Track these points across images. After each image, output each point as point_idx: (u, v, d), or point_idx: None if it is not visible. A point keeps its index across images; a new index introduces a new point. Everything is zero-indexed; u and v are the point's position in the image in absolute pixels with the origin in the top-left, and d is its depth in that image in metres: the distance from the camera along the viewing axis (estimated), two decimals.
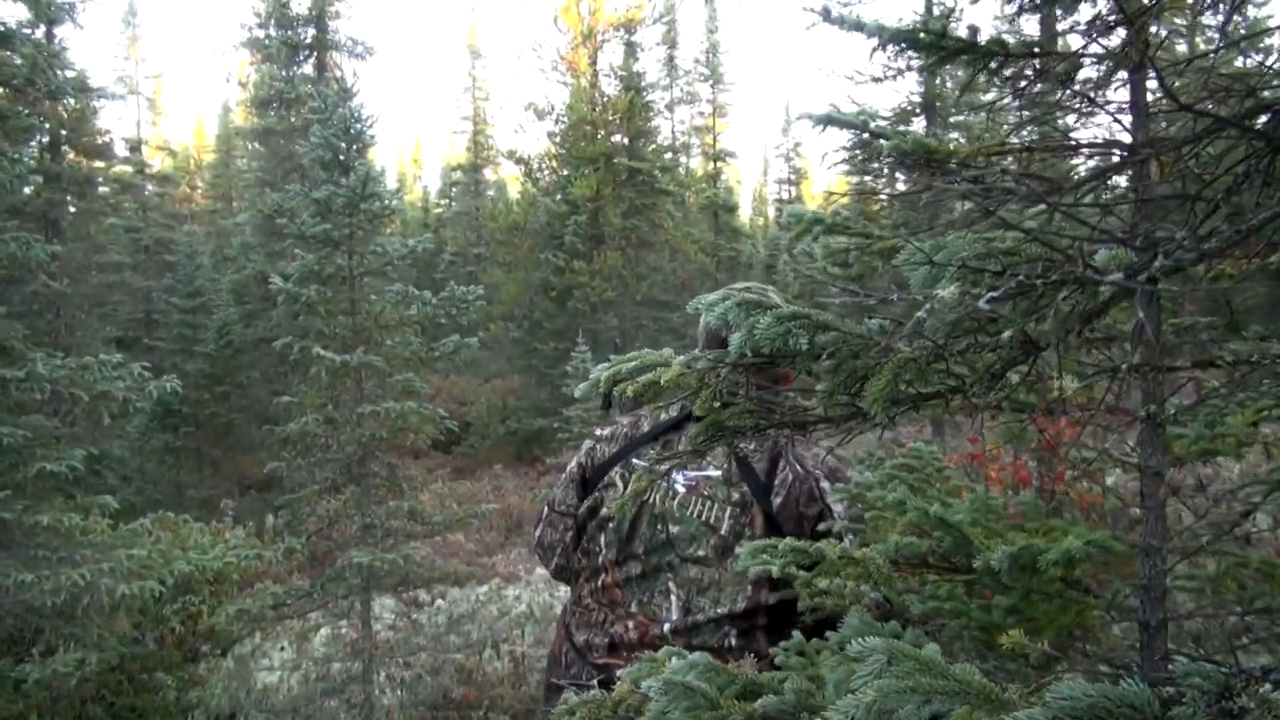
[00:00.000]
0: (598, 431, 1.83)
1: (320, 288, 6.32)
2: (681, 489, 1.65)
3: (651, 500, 1.66)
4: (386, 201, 6.34)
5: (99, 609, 4.74)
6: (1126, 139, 1.05)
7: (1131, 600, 1.20)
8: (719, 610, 1.55)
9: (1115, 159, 1.04)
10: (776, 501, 1.62)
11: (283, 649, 7.31)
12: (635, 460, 1.69)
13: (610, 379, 1.11)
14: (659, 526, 1.65)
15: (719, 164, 26.81)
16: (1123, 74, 1.04)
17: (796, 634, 1.10)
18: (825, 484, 1.66)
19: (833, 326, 0.97)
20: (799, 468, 1.66)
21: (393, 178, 40.34)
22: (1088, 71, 1.08)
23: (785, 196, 35.31)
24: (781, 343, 0.97)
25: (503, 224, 18.99)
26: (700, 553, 1.61)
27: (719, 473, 1.65)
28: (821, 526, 1.50)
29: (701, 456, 1.62)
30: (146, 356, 14.70)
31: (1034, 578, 1.20)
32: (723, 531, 1.61)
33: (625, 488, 1.68)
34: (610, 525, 1.67)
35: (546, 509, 1.82)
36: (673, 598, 1.58)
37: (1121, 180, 1.04)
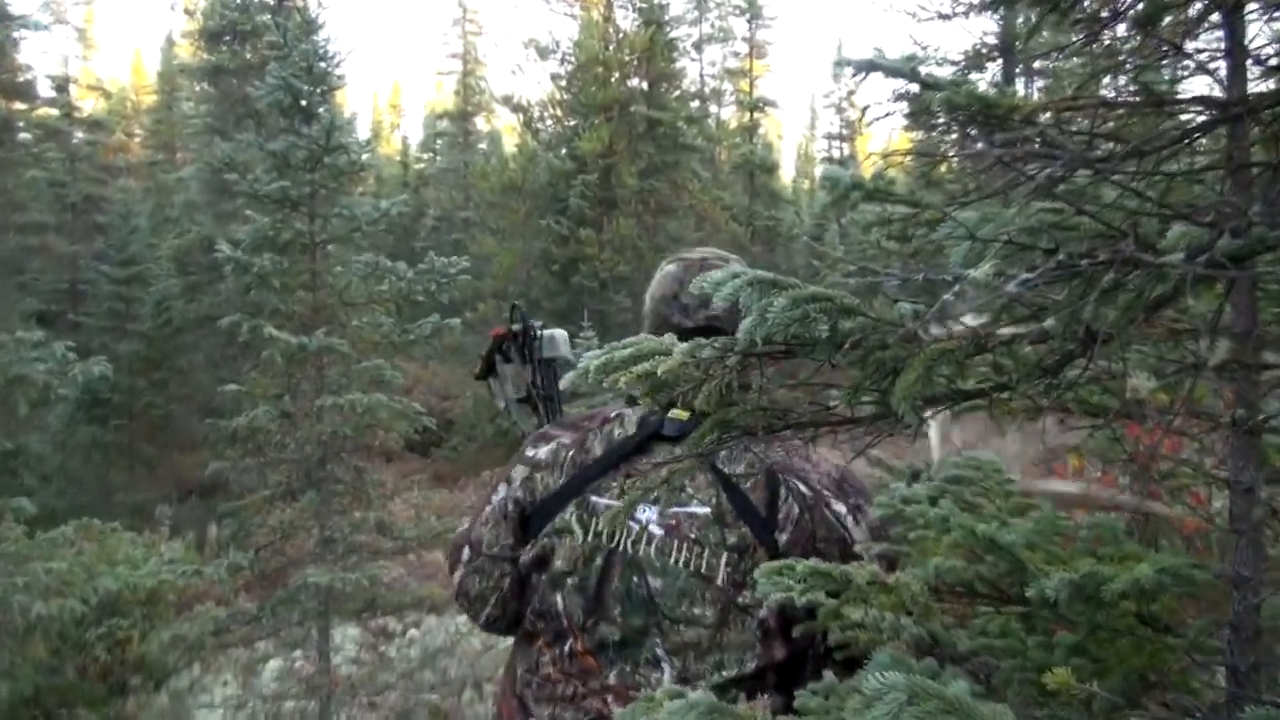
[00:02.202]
0: (532, 453, 1.75)
1: (276, 257, 6.39)
2: (658, 530, 1.57)
3: (621, 546, 1.58)
4: (356, 155, 6.40)
5: (11, 631, 4.84)
6: (1219, 94, 1.06)
7: (1218, 640, 1.21)
8: (723, 675, 1.49)
9: (1204, 119, 1.05)
10: (784, 539, 1.56)
11: (226, 683, 7.41)
12: (596, 499, 1.61)
13: (601, 368, 1.14)
14: (635, 580, 1.56)
15: (756, 115, 26.69)
16: (1216, 16, 1.05)
17: (828, 674, 1.12)
18: (838, 505, 1.60)
19: (858, 311, 0.99)
20: (804, 489, 1.59)
21: (365, 127, 40.55)
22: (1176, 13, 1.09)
23: (836, 154, 35.20)
24: (799, 329, 0.99)
25: (496, 183, 19.09)
26: (695, 610, 1.53)
27: (706, 509, 1.56)
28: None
29: (680, 489, 1.59)
30: (71, 335, 14.90)
31: (1100, 611, 1.22)
32: (719, 583, 1.53)
33: (585, 535, 1.59)
34: (570, 581, 1.59)
35: (468, 551, 1.75)
36: (665, 666, 1.52)
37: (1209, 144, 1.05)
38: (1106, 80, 1.29)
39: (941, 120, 1.39)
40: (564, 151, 19.34)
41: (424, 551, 9.63)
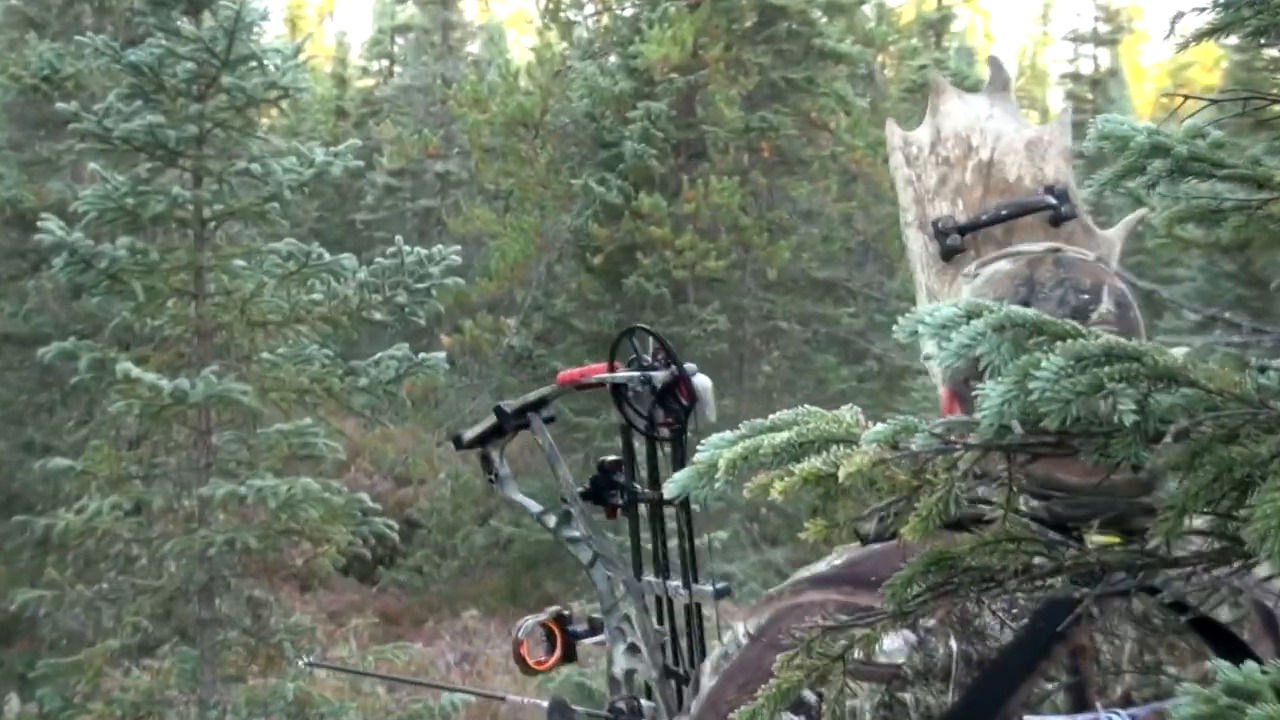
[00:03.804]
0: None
1: (137, 242, 6.54)
2: None
3: None
4: (275, 71, 6.54)
5: None
6: None
7: None
8: None
9: None
10: None
11: None
12: None
13: (737, 464, 1.19)
14: None
15: (948, 3, 26.77)
16: None
17: None
18: None
19: (1185, 378, 1.02)
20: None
21: (280, 20, 41.39)
22: None
23: (1084, 72, 35.04)
24: (1083, 407, 1.02)
25: (497, 115, 19.34)
26: None
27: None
28: None
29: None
30: None
31: None
32: None
33: None
34: None
35: None
36: None
37: None
38: None
39: None
40: (614, 61, 19.54)
41: None
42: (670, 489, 1.28)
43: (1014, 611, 1.77)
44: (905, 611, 1.27)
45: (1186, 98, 1.66)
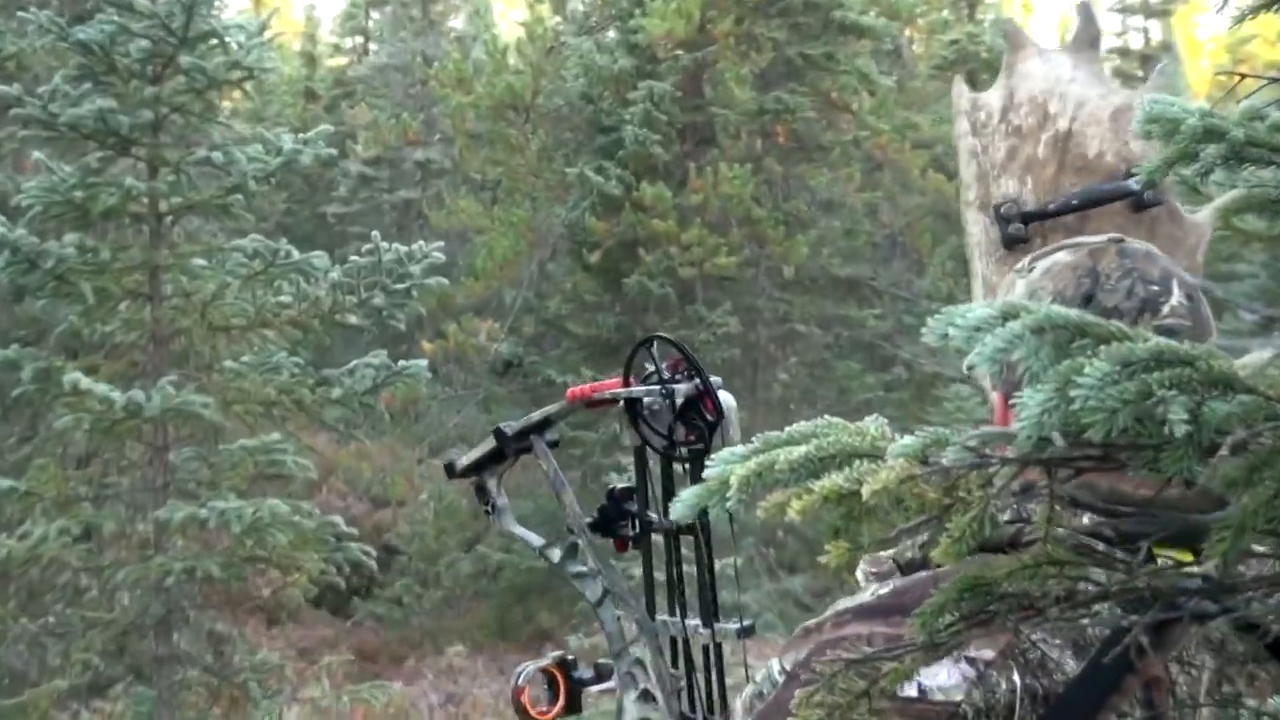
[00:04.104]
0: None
1: (86, 239, 6.54)
2: None
3: None
4: (238, 49, 6.54)
5: None
6: None
7: None
8: None
9: None
10: None
11: None
12: None
13: (752, 481, 1.20)
14: None
15: None
16: None
17: None
18: None
19: (1243, 385, 1.02)
20: None
21: None
22: None
23: (1133, 46, 35.00)
24: (1130, 417, 1.03)
25: (484, 97, 19.36)
26: None
27: None
28: None
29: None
30: None
31: None
32: None
33: None
34: None
35: None
36: None
37: None
38: None
39: None
40: (613, 37, 19.56)
41: None
42: (678, 509, 1.28)
43: (1081, 642, 1.77)
44: (937, 643, 1.28)
45: (1244, 76, 1.66)
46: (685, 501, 1.24)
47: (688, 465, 2.87)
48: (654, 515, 2.97)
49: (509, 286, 18.97)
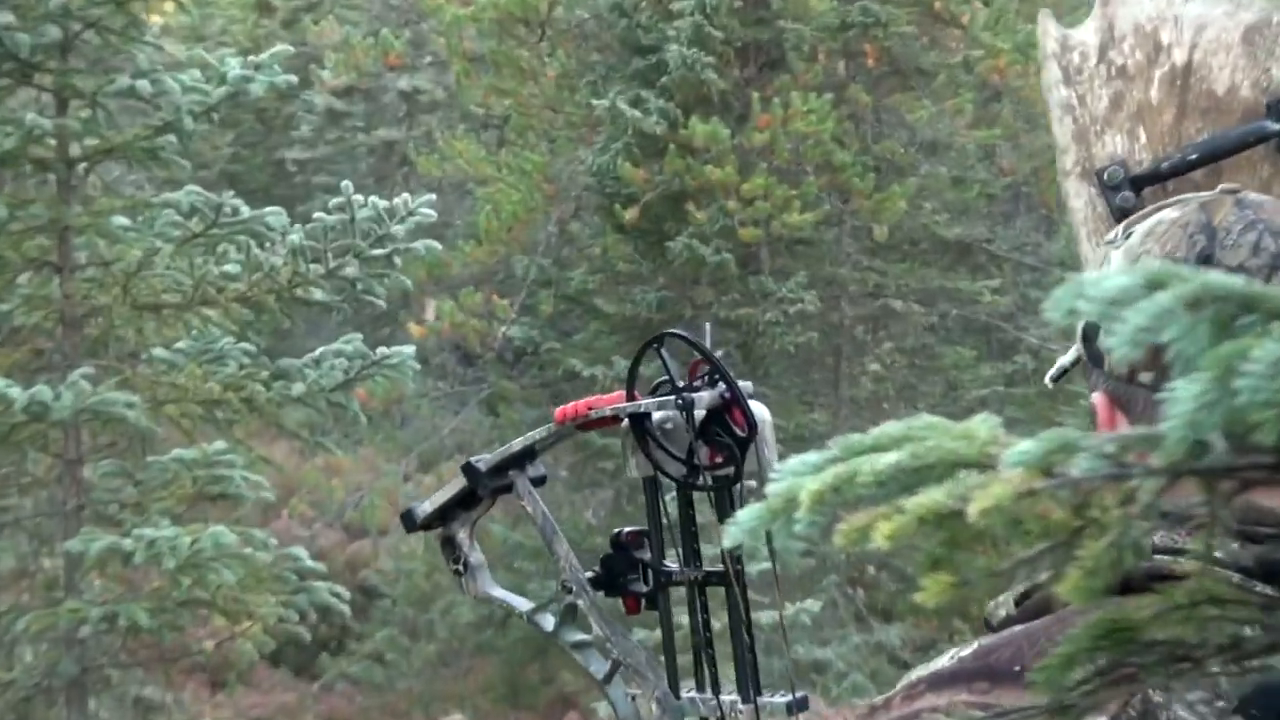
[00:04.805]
0: None
1: None
2: None
3: None
4: None
5: None
6: None
7: None
8: None
9: None
10: None
11: None
12: None
13: (825, 497, 1.20)
14: None
15: None
16: None
17: None
18: None
19: None
20: None
21: None
22: None
23: None
24: None
25: (487, 9, 19.38)
26: None
27: None
28: None
29: None
30: None
31: None
32: None
33: None
34: None
35: None
36: None
37: None
38: None
39: None
40: None
41: None
42: (733, 534, 1.29)
43: (1218, 703, 1.79)
44: (1066, 705, 1.28)
45: None
46: (742, 526, 1.24)
47: (713, 496, 2.81)
48: (672, 564, 2.91)
49: (520, 252, 18.99)
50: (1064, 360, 2.41)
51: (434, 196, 7.31)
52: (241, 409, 6.78)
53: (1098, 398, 2.08)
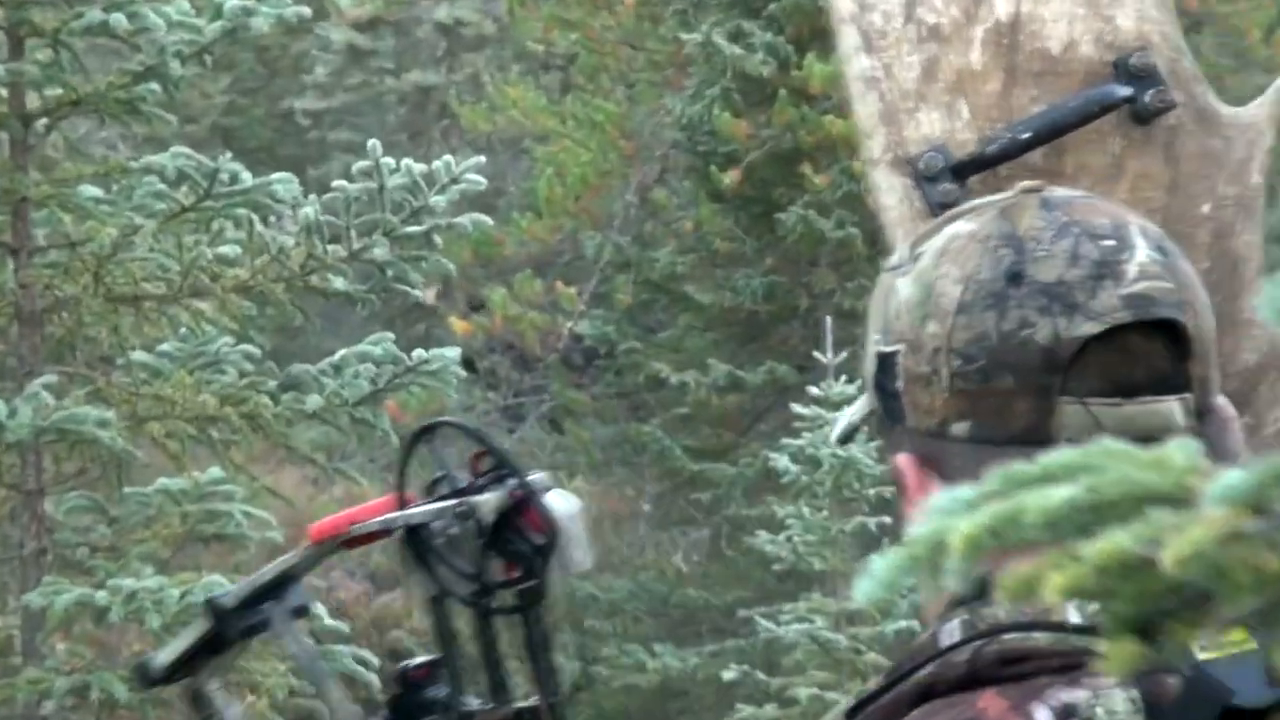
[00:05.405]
0: None
1: None
2: None
3: None
4: None
5: None
6: None
7: None
8: None
9: None
10: None
11: None
12: None
13: (983, 540, 1.17)
14: None
15: None
16: None
17: None
18: None
19: None
20: None
21: None
22: None
23: None
24: None
25: None
26: None
27: None
28: None
29: None
30: None
31: None
32: None
33: None
34: None
35: None
36: None
37: None
38: None
39: None
40: None
41: None
42: (866, 589, 1.25)
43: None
44: None
45: None
46: (878, 579, 1.21)
47: (518, 614, 2.86)
48: (475, 701, 2.97)
49: (591, 228, 19.07)
50: (851, 415, 2.47)
51: (482, 159, 7.33)
52: (242, 427, 6.79)
53: (902, 459, 2.11)
